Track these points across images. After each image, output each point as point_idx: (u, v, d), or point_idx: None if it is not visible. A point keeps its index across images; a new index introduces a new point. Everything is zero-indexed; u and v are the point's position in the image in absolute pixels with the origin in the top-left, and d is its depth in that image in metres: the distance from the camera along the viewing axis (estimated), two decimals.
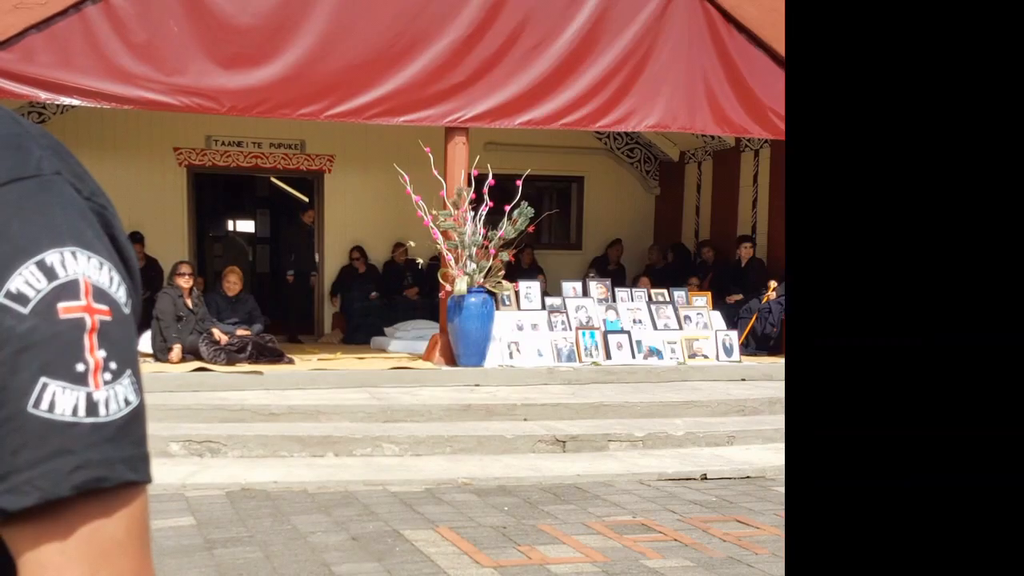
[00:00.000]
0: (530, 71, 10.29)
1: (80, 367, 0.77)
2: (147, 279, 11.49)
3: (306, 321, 14.40)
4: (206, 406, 8.43)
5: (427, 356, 10.60)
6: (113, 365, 0.79)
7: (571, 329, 10.80)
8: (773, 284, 12.27)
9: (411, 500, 6.67)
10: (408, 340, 11.94)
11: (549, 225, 14.96)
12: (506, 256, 10.19)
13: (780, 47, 10.87)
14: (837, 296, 1.42)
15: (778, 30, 10.83)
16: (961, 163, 1.36)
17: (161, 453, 7.39)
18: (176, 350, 10.09)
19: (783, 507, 5.98)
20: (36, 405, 0.76)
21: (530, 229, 10.36)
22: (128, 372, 0.80)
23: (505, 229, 10.05)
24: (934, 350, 1.38)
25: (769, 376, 10.80)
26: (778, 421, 9.20)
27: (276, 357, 10.31)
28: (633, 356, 10.79)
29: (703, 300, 11.82)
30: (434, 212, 10.10)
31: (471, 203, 10.12)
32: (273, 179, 16.79)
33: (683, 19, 10.67)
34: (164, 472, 6.90)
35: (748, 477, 7.68)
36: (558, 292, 11.41)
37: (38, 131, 0.87)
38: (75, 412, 0.76)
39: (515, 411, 8.84)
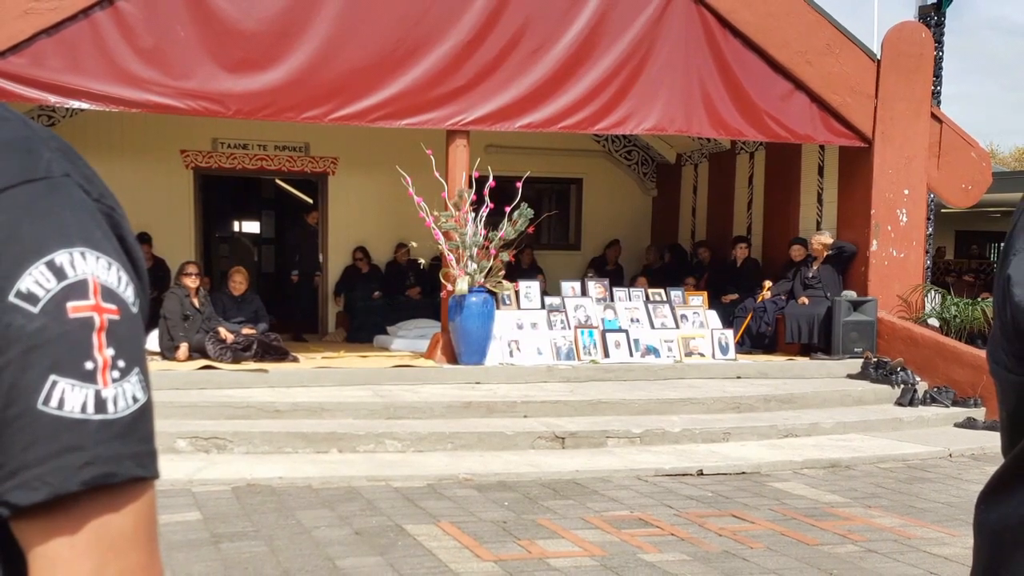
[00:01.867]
0: (530, 75, 10.38)
1: (89, 365, 0.78)
2: (155, 279, 11.55)
3: (310, 320, 14.48)
4: (212, 403, 8.54)
5: (429, 354, 10.70)
6: (121, 363, 0.80)
7: (570, 328, 10.91)
8: (768, 284, 12.36)
9: (413, 495, 6.77)
10: (410, 339, 12.02)
11: (548, 226, 15.04)
12: (506, 256, 10.28)
13: (775, 51, 10.99)
14: None
15: (773, 35, 10.95)
16: None
17: (168, 449, 7.49)
18: (183, 348, 10.18)
19: (777, 502, 6.11)
20: (46, 402, 0.76)
21: (530, 230, 10.45)
22: (136, 370, 0.81)
23: (505, 230, 10.14)
24: None
25: (764, 374, 10.92)
26: (773, 418, 9.33)
27: (281, 355, 10.39)
28: (631, 354, 10.89)
29: (699, 299, 11.93)
30: (436, 213, 10.18)
31: (472, 204, 10.21)
32: (278, 181, 16.90)
33: (680, 24, 10.76)
34: (171, 468, 7.00)
35: (743, 473, 7.78)
36: (557, 292, 11.51)
37: (47, 134, 0.87)
38: (84, 409, 0.77)
39: (515, 408, 8.95)
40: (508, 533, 5.89)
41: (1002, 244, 1.17)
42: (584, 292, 11.56)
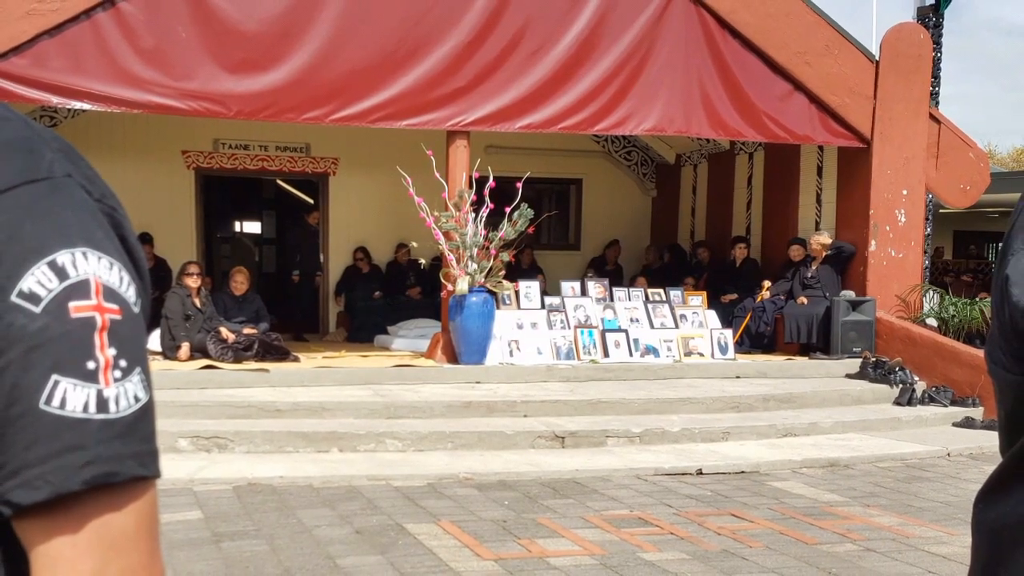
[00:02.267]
0: (530, 76, 10.41)
1: (91, 365, 0.78)
2: (156, 279, 11.59)
3: (311, 320, 14.50)
4: (213, 403, 8.56)
5: (429, 354, 10.72)
6: (123, 363, 0.80)
7: (570, 328, 10.94)
8: (767, 284, 12.39)
9: (413, 494, 6.79)
10: (410, 338, 12.04)
11: (548, 226, 15.06)
12: (506, 256, 10.30)
13: (774, 52, 11.02)
14: None
15: (772, 36, 10.99)
16: None
17: (170, 448, 7.52)
18: (184, 348, 10.20)
19: (776, 501, 6.12)
20: (48, 402, 0.76)
21: (530, 230, 10.48)
22: (137, 370, 0.81)
23: (505, 230, 10.16)
24: None
25: (763, 373, 10.95)
26: (772, 417, 9.36)
27: (282, 355, 10.42)
28: (630, 354, 10.92)
29: (699, 299, 11.96)
30: (436, 214, 10.21)
31: (472, 205, 10.24)
32: (279, 181, 16.93)
33: (679, 25, 10.80)
34: (173, 467, 7.03)
35: (742, 472, 7.81)
36: (557, 292, 11.54)
37: (50, 135, 0.87)
38: (86, 409, 0.77)
39: (515, 408, 8.98)
40: (508, 532, 5.92)
41: (1000, 244, 1.17)
42: (584, 292, 11.58)
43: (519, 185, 10.24)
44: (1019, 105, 68.81)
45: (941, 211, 17.12)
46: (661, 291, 11.92)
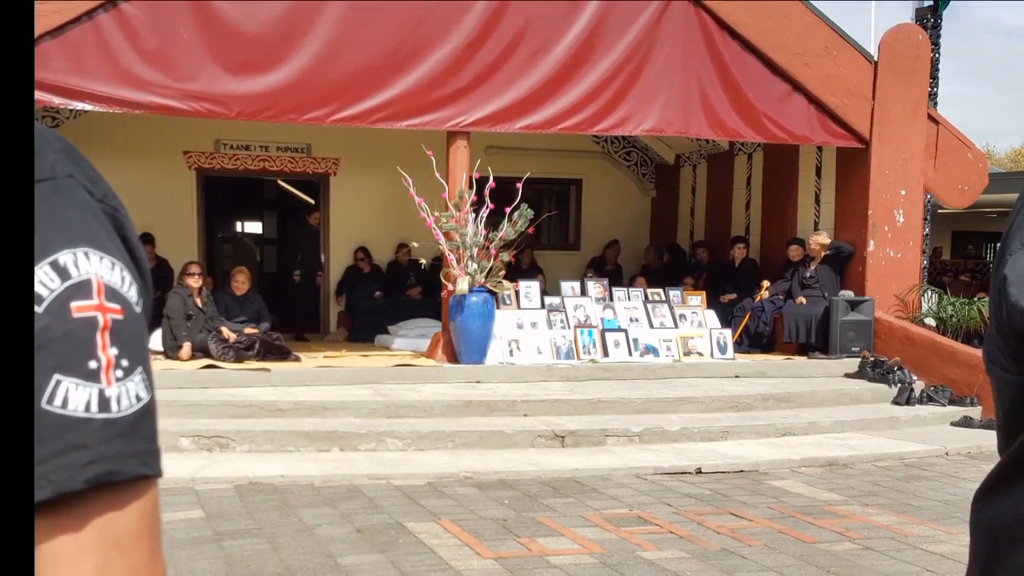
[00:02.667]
0: (530, 77, 10.43)
1: (93, 364, 0.78)
2: (158, 279, 11.59)
3: (312, 320, 14.51)
4: (215, 402, 8.59)
5: (430, 353, 10.74)
6: (125, 362, 0.79)
7: (569, 327, 10.96)
8: (766, 284, 12.42)
9: (414, 493, 6.82)
10: (411, 338, 12.05)
11: (548, 226, 15.09)
12: (506, 256, 10.31)
13: (773, 53, 11.05)
14: None
15: (771, 37, 11.02)
16: None
17: (171, 448, 7.54)
18: (186, 348, 10.21)
19: (775, 500, 6.14)
20: (50, 401, 0.76)
21: (530, 230, 10.49)
22: (139, 369, 0.81)
23: (505, 230, 10.18)
24: None
25: (762, 373, 10.98)
26: (771, 417, 9.39)
27: (283, 355, 10.43)
28: (630, 354, 10.94)
29: (698, 299, 11.98)
30: (436, 214, 10.23)
31: (472, 205, 10.26)
32: (280, 182, 16.94)
33: (678, 26, 10.82)
34: (174, 466, 7.06)
35: (741, 471, 7.85)
36: (557, 291, 11.56)
37: (52, 135, 0.86)
38: (88, 408, 0.77)
39: (515, 407, 9.00)
40: (508, 531, 5.94)
41: (998, 244, 1.17)
42: (583, 292, 11.60)
43: (519, 185, 10.25)
44: (1017, 106, 68.90)
45: (939, 211, 17.15)
46: (660, 291, 11.93)
